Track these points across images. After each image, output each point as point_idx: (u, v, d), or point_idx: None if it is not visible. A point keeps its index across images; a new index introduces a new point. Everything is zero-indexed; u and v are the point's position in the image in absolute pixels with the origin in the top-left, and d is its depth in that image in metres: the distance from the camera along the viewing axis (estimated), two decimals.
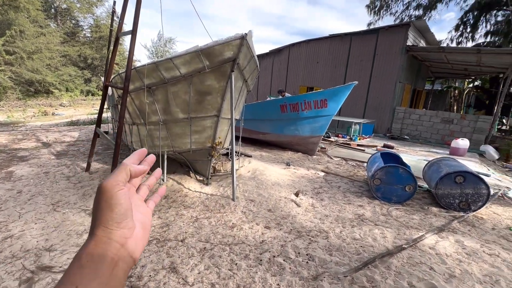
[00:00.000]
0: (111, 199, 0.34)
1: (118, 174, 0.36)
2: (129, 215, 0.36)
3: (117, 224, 0.35)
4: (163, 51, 42.75)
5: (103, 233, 0.34)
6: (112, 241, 0.34)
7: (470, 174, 3.50)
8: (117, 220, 0.35)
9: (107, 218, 0.34)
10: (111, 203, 0.34)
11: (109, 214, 0.34)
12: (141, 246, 0.38)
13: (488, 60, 9.03)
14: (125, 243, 0.35)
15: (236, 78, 3.48)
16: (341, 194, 3.98)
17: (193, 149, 4.03)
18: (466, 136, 8.53)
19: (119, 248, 0.34)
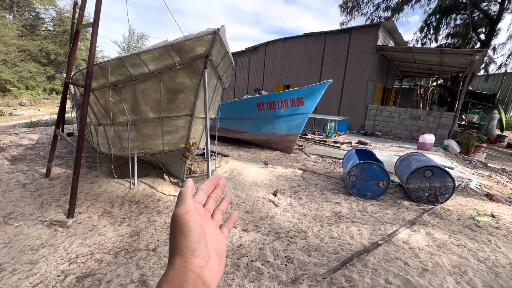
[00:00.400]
0: (184, 226, 0.33)
1: (184, 201, 0.36)
2: (202, 243, 0.35)
3: (191, 252, 0.33)
4: (135, 47, 40.87)
5: (179, 261, 0.33)
6: (188, 270, 0.33)
7: (438, 168, 3.67)
8: (191, 248, 0.33)
9: (181, 246, 0.33)
10: (185, 230, 0.33)
11: (183, 242, 0.33)
12: (217, 276, 0.36)
13: (450, 60, 9.68)
14: (201, 273, 0.34)
15: (209, 76, 3.33)
16: (318, 192, 4.00)
17: (165, 150, 3.82)
18: (431, 132, 9.08)
19: (195, 279, 0.33)
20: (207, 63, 3.00)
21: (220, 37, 2.85)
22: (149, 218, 3.05)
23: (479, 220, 3.39)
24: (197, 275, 0.33)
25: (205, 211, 0.41)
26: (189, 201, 0.36)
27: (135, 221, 2.98)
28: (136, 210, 3.27)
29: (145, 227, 2.86)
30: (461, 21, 15.02)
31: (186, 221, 0.34)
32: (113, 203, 3.45)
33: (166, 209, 3.31)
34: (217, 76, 3.63)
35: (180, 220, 0.34)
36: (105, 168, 4.75)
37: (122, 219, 3.03)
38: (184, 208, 0.35)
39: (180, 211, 0.35)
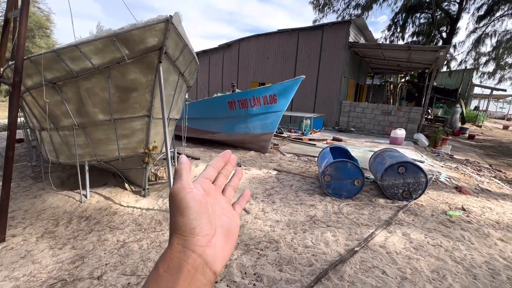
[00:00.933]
0: (181, 203, 0.31)
1: (179, 178, 0.33)
2: (203, 220, 0.32)
3: (190, 230, 0.31)
4: None
5: (178, 240, 0.31)
6: (187, 250, 0.30)
7: (410, 164, 3.62)
8: (190, 226, 0.31)
9: (179, 224, 0.31)
10: (181, 207, 0.31)
11: (180, 220, 0.31)
12: (223, 255, 0.33)
13: (416, 56, 10.02)
14: (202, 252, 0.31)
15: (167, 71, 2.96)
16: (293, 194, 3.79)
17: (122, 156, 3.39)
18: (402, 126, 9.35)
19: (195, 259, 0.30)
20: (161, 57, 2.63)
21: (174, 26, 2.49)
22: (100, 237, 2.63)
23: (451, 214, 3.37)
24: (198, 255, 0.30)
25: (214, 187, 0.38)
26: (185, 177, 0.33)
27: (82, 242, 2.55)
28: (85, 227, 2.83)
29: (92, 248, 2.45)
30: (425, 20, 15.76)
31: (183, 198, 0.31)
32: (58, 221, 2.97)
33: (122, 223, 2.90)
34: (178, 71, 3.26)
35: (177, 197, 0.31)
36: (55, 178, 4.18)
37: (66, 240, 2.58)
38: (180, 185, 0.32)
39: (176, 188, 0.32)
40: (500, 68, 18.91)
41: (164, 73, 2.93)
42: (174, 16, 2.45)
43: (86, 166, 3.38)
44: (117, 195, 3.61)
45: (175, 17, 2.46)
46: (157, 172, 4.71)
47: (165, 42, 2.53)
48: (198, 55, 15.27)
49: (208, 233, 0.32)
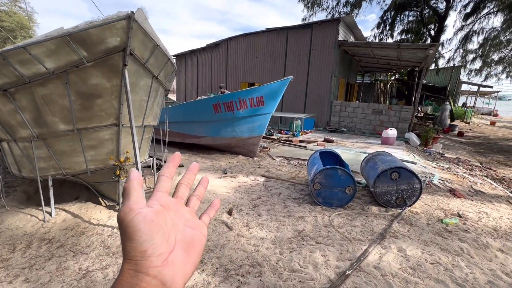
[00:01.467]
0: (128, 228, 0.28)
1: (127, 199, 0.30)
2: (156, 240, 0.29)
3: (141, 254, 0.28)
4: None
5: (129, 266, 0.28)
6: (140, 273, 0.28)
7: (404, 170, 3.42)
8: (140, 249, 0.28)
9: (128, 249, 0.28)
10: (129, 231, 0.28)
11: (129, 244, 0.28)
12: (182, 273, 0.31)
13: (406, 55, 9.93)
14: (157, 273, 0.28)
15: (136, 75, 2.65)
16: (281, 204, 3.54)
17: (91, 169, 3.07)
18: (393, 125, 9.24)
19: (149, 281, 0.28)
20: (126, 59, 2.32)
21: (138, 23, 2.19)
22: (60, 265, 2.31)
23: (448, 222, 3.19)
24: (152, 276, 0.28)
25: (175, 200, 0.37)
26: (133, 196, 0.30)
27: (38, 272, 2.23)
28: (45, 253, 2.50)
29: (49, 280, 2.13)
30: (414, 18, 15.79)
31: (130, 221, 0.29)
32: (15, 245, 2.62)
33: (88, 246, 2.58)
34: (151, 75, 2.95)
35: (123, 221, 0.29)
36: (21, 193, 3.80)
37: (20, 271, 2.25)
38: (127, 207, 0.29)
39: (122, 211, 0.29)
40: (486, 65, 19.18)
41: (132, 76, 2.62)
42: (137, 12, 2.15)
43: (49, 181, 3.03)
44: (88, 211, 3.27)
45: (138, 13, 2.16)
46: None
47: (128, 42, 2.22)
48: (185, 55, 14.87)
49: (163, 252, 0.30)
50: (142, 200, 0.31)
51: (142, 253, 0.28)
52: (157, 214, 0.31)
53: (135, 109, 2.95)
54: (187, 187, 0.40)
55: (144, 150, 3.63)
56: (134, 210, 0.29)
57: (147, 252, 0.28)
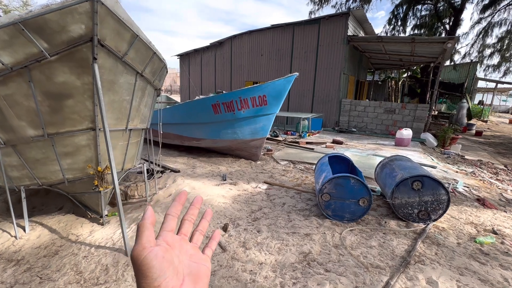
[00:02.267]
0: (142, 266, 0.30)
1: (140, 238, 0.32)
2: (168, 274, 0.32)
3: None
4: None
5: None
6: None
7: (428, 179, 2.93)
8: (154, 285, 0.30)
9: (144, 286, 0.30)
10: (143, 269, 0.30)
11: (144, 281, 0.30)
12: None
13: (421, 49, 9.31)
14: None
15: (113, 70, 2.28)
16: (284, 217, 3.11)
17: (68, 179, 2.72)
18: (407, 125, 8.64)
19: None
20: (95, 51, 1.94)
21: (107, 7, 1.81)
22: None
23: (483, 242, 2.69)
24: None
25: (179, 237, 0.39)
26: (146, 235, 0.32)
27: None
28: (8, 278, 2.15)
29: None
30: (427, 12, 15.01)
31: (144, 259, 0.31)
32: None
33: (58, 271, 2.23)
34: (134, 71, 2.57)
35: (138, 259, 0.31)
36: (1, 203, 3.51)
37: None
38: (140, 246, 0.31)
39: (136, 251, 0.31)
40: (505, 60, 18.14)
41: (109, 73, 2.25)
42: None
43: (22, 192, 2.70)
44: (67, 225, 2.93)
45: None
46: (128, 190, 4.04)
47: (95, 30, 1.84)
48: (189, 55, 14.58)
49: (174, 285, 0.32)
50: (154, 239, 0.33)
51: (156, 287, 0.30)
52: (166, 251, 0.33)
53: (116, 110, 2.58)
54: (191, 222, 0.41)
55: (131, 156, 3.26)
56: (147, 248, 0.31)
57: (161, 286, 0.30)
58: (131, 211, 3.55)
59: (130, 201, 3.97)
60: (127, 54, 2.29)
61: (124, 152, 3.02)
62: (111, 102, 2.46)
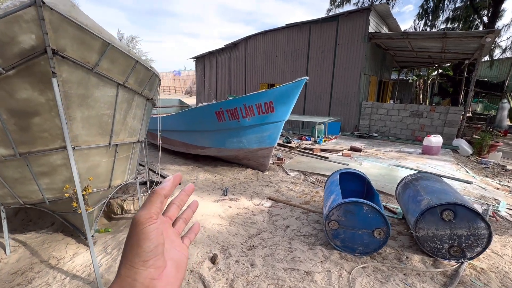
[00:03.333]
0: (141, 234, 0.30)
1: (151, 205, 0.31)
2: (158, 253, 0.31)
3: (143, 263, 0.29)
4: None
5: (128, 272, 0.29)
6: (137, 282, 0.29)
7: (463, 208, 2.37)
8: (143, 258, 0.29)
9: (133, 255, 0.29)
10: (140, 238, 0.30)
11: (135, 250, 0.29)
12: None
13: (453, 45, 8.35)
14: (152, 285, 0.29)
15: (84, 84, 2.03)
16: (285, 246, 2.70)
17: (49, 199, 2.53)
18: (437, 130, 7.78)
19: None
20: (52, 64, 1.68)
21: (59, 13, 1.53)
22: None
23: None
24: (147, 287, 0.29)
25: (165, 219, 0.37)
26: (157, 205, 0.32)
27: None
28: None
29: None
30: (462, 3, 13.65)
31: (145, 228, 0.30)
32: None
33: None
34: (113, 82, 2.31)
35: (139, 225, 0.30)
36: None
37: None
38: (148, 213, 0.30)
39: (142, 216, 0.30)
40: None
41: (78, 87, 2.00)
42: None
43: (1, 212, 2.56)
44: (51, 246, 2.76)
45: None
46: (124, 204, 3.86)
47: (47, 40, 1.57)
48: (204, 57, 14.51)
49: (160, 266, 0.31)
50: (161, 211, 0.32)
51: (144, 262, 0.29)
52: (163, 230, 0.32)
53: (94, 126, 2.34)
54: (178, 208, 0.39)
55: (121, 172, 3.03)
56: (153, 219, 0.30)
57: (149, 262, 0.29)
58: (124, 228, 3.34)
59: (126, 215, 3.78)
60: (99, 65, 2.02)
61: (110, 169, 2.79)
62: (86, 118, 2.21)
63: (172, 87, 37.74)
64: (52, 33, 1.58)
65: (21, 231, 3.22)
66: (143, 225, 0.29)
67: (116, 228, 3.44)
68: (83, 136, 2.28)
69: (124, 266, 0.29)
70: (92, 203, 2.75)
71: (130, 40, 40.42)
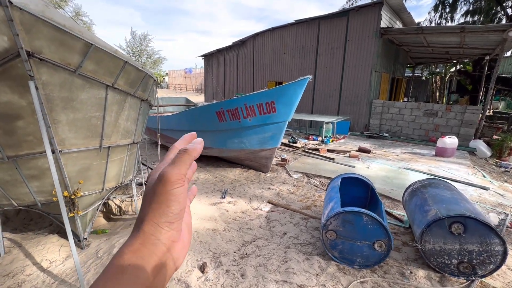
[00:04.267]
0: (171, 195, 0.28)
1: (183, 165, 0.29)
2: (182, 216, 0.30)
3: (169, 224, 0.29)
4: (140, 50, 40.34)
5: (153, 230, 0.28)
6: (160, 242, 0.28)
7: (474, 221, 2.16)
8: (170, 219, 0.28)
9: (160, 214, 0.28)
10: (170, 198, 0.28)
11: (163, 210, 0.28)
12: (185, 252, 0.32)
13: (472, 40, 7.85)
14: (172, 247, 0.29)
15: (68, 86, 1.97)
16: (280, 254, 2.57)
17: (41, 201, 2.52)
18: (452, 131, 7.36)
19: (165, 253, 0.28)
20: (29, 66, 1.62)
21: (31, 13, 1.46)
22: None
23: None
24: (168, 249, 0.29)
25: None
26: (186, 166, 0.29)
27: None
28: None
29: None
30: None
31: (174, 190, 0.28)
32: None
33: None
34: (101, 84, 2.25)
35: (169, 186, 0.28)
36: None
37: None
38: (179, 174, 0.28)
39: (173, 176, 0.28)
40: None
41: (60, 90, 1.94)
42: None
43: None
44: (46, 247, 2.76)
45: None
46: (122, 205, 3.84)
47: (19, 42, 1.50)
48: (212, 55, 14.45)
49: (180, 229, 0.30)
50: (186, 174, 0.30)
51: (170, 224, 0.28)
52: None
53: (82, 129, 2.29)
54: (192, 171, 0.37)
55: (115, 174, 2.99)
56: (182, 180, 0.29)
57: (174, 224, 0.29)
58: (121, 230, 3.31)
59: (124, 216, 3.77)
60: (82, 66, 1.95)
61: (102, 172, 2.75)
62: (72, 121, 2.16)
63: (184, 85, 38.09)
64: (24, 34, 1.51)
65: (21, 230, 3.25)
66: (173, 186, 0.28)
67: (113, 230, 3.42)
68: (71, 139, 2.23)
69: (149, 223, 0.28)
70: (84, 206, 2.72)
71: (143, 38, 41.05)
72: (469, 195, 4.02)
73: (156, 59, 42.17)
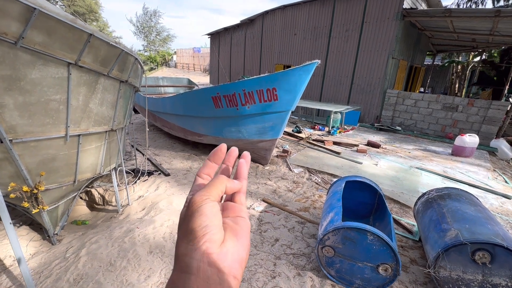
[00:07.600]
0: (196, 212, 0.29)
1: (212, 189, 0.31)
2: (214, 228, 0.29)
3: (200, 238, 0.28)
4: (149, 26, 39.34)
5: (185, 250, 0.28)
6: (194, 260, 0.27)
7: (505, 251, 1.76)
8: (198, 234, 0.28)
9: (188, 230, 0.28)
10: (195, 215, 0.29)
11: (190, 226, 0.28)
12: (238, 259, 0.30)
13: (507, 26, 6.99)
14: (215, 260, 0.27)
15: (7, 63, 1.58)
16: (269, 267, 2.25)
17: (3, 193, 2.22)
18: (472, 127, 6.75)
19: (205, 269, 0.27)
20: None
21: None
22: None
23: None
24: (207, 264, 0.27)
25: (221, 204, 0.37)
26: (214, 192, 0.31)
27: None
28: None
29: None
30: None
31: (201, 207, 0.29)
32: None
33: None
34: (61, 61, 1.85)
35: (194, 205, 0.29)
36: None
37: None
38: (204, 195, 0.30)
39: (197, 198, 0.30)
40: None
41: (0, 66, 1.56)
42: None
43: None
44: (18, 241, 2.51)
45: None
46: (105, 195, 3.57)
47: None
48: (219, 34, 13.70)
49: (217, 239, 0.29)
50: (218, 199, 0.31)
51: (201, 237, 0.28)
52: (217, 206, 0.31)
53: (37, 115, 1.93)
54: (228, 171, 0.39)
55: (90, 164, 2.67)
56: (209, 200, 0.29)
57: (206, 236, 0.28)
58: (101, 223, 3.06)
59: (107, 207, 3.51)
60: (24, 37, 1.55)
61: (72, 162, 2.42)
62: (23, 104, 1.80)
63: (191, 65, 37.22)
64: None
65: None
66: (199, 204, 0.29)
67: (94, 221, 3.18)
68: (24, 127, 1.88)
69: (181, 246, 0.28)
70: (52, 200, 2.43)
71: (154, 14, 39.87)
72: (489, 204, 3.59)
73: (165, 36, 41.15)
